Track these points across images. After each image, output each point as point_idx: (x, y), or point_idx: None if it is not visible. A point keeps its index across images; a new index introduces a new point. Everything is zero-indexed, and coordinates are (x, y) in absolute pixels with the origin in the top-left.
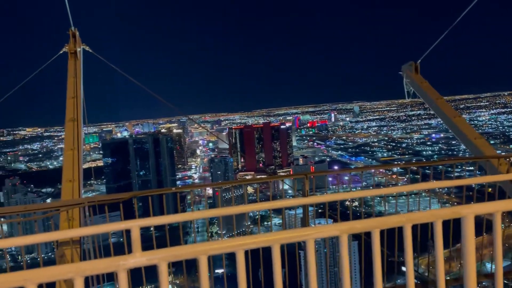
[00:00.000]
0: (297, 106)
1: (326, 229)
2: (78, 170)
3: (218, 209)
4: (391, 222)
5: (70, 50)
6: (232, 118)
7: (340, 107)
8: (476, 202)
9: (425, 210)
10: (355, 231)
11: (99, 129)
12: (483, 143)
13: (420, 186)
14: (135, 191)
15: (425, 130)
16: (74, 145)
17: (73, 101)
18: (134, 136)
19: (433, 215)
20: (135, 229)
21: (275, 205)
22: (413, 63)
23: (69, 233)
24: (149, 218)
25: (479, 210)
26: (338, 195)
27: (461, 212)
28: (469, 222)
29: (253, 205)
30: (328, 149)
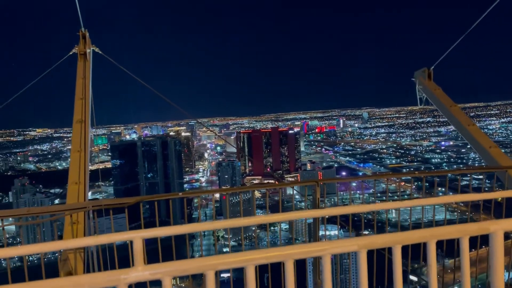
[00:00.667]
0: (306, 111)
1: (344, 244)
2: (85, 172)
3: (226, 221)
4: (414, 238)
5: (80, 51)
6: (241, 122)
7: (349, 113)
8: (483, 210)
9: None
10: (376, 246)
11: (108, 131)
12: (498, 152)
13: (442, 199)
14: (142, 196)
15: (434, 138)
16: (81, 146)
17: (81, 103)
18: (143, 138)
19: (459, 231)
20: (138, 240)
21: (285, 217)
22: (426, 69)
23: (70, 244)
24: (153, 229)
25: (509, 226)
26: (353, 207)
27: (489, 228)
28: (498, 239)
29: (262, 217)
30: (336, 155)
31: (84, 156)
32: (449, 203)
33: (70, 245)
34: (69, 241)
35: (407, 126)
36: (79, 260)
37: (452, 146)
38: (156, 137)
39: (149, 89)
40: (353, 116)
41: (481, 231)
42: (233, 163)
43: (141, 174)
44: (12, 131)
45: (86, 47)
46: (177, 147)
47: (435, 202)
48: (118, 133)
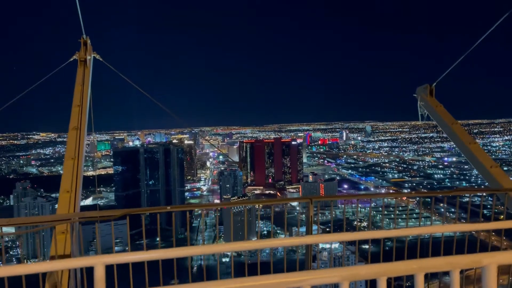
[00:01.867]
0: (309, 123)
1: (325, 274)
2: (77, 180)
3: (215, 246)
4: (400, 270)
5: (80, 58)
6: (244, 131)
7: (352, 126)
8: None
9: None
10: (359, 278)
11: (112, 137)
12: (499, 172)
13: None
14: (128, 209)
15: (438, 153)
16: (75, 154)
17: (78, 110)
18: (146, 145)
19: (450, 264)
20: (99, 267)
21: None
22: (428, 85)
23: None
24: (119, 255)
25: (504, 259)
26: (358, 234)
27: (482, 261)
28: (491, 273)
29: (262, 242)
30: (338, 167)
31: (78, 164)
32: (464, 231)
33: (35, 269)
34: (35, 265)
35: (410, 141)
36: (65, 274)
37: (455, 162)
38: (159, 144)
39: (148, 97)
40: (356, 129)
41: (473, 264)
42: (235, 173)
43: (143, 181)
44: (15, 134)
45: (87, 54)
46: (180, 155)
47: (452, 230)
48: (121, 139)
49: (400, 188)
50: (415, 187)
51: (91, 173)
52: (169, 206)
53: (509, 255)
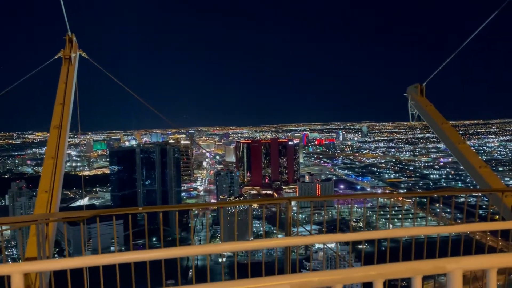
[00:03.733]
0: (306, 123)
1: (273, 281)
2: (55, 180)
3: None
4: (357, 277)
5: (65, 55)
6: (241, 132)
7: (349, 126)
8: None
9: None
10: (312, 285)
11: (108, 137)
12: (488, 172)
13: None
14: (98, 210)
15: (434, 154)
16: (55, 153)
17: (61, 108)
18: (142, 145)
19: (411, 270)
20: (16, 276)
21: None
22: (419, 85)
23: None
24: (40, 262)
25: (469, 265)
26: (356, 234)
27: (446, 267)
28: (456, 280)
29: (256, 242)
30: (335, 167)
31: (58, 163)
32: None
33: None
34: None
35: (407, 141)
36: (41, 276)
37: (450, 163)
38: (156, 144)
39: (137, 98)
40: (352, 130)
41: (436, 270)
42: (232, 173)
43: (139, 181)
44: (11, 134)
45: (72, 52)
46: (176, 155)
47: (452, 231)
48: (117, 139)
49: (396, 188)
50: (411, 187)
51: (87, 173)
52: (141, 207)
53: (475, 260)
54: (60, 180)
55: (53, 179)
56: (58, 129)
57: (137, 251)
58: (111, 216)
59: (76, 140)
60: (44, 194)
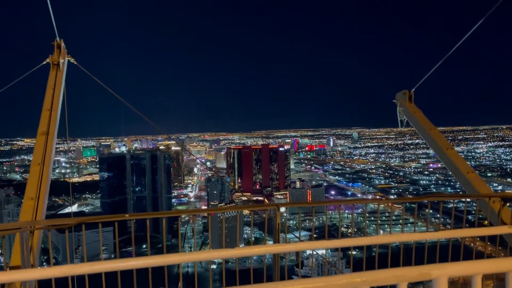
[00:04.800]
0: (297, 129)
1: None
2: (42, 187)
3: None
4: (341, 284)
5: (53, 61)
6: (231, 138)
7: (339, 132)
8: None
9: None
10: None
11: (98, 143)
12: (475, 178)
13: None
14: (83, 217)
15: (423, 160)
16: (42, 160)
17: (48, 114)
18: (132, 151)
19: (396, 277)
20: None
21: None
22: (407, 91)
23: None
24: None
25: (454, 271)
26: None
27: (431, 273)
28: (440, 286)
29: (244, 249)
30: (325, 173)
31: (43, 170)
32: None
33: None
34: None
35: (396, 147)
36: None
37: (440, 169)
38: (146, 150)
39: (127, 105)
40: (343, 136)
41: (421, 277)
42: (222, 179)
43: (129, 187)
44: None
45: (60, 57)
46: (167, 161)
47: (439, 237)
48: (107, 145)
49: (386, 194)
50: (401, 193)
51: (76, 179)
52: (127, 214)
53: (460, 266)
54: (46, 187)
55: (39, 186)
56: (45, 135)
57: (123, 259)
58: (101, 222)
59: (65, 147)
60: (30, 201)
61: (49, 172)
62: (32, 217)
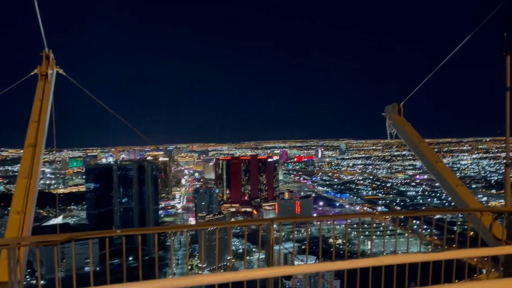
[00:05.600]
0: (285, 140)
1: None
2: (28, 201)
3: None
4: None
5: (41, 72)
6: (220, 148)
7: (327, 143)
8: (457, 245)
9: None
10: None
11: (84, 154)
12: (465, 191)
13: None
14: (72, 233)
15: (410, 171)
16: (29, 173)
17: (36, 126)
18: (119, 162)
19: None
20: None
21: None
22: (396, 104)
23: None
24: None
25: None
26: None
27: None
28: None
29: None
30: (314, 184)
31: (31, 183)
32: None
33: None
34: None
35: (384, 159)
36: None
37: (426, 180)
38: (133, 161)
39: (114, 114)
40: (331, 147)
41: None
42: (211, 190)
43: (116, 199)
44: None
45: (49, 68)
46: (154, 172)
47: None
48: (94, 156)
49: (374, 205)
50: (388, 204)
51: (62, 190)
52: (119, 229)
53: (465, 287)
54: (33, 201)
55: (26, 200)
56: (33, 148)
57: (114, 285)
58: (57, 242)
59: (51, 157)
60: (16, 215)
61: (36, 186)
62: (19, 232)
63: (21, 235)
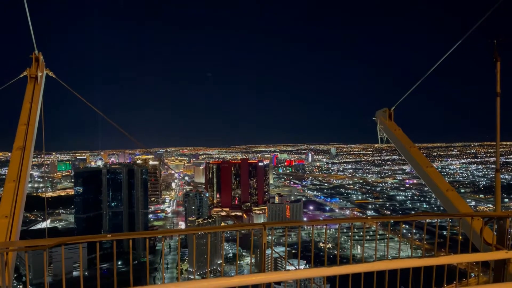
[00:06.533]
0: (276, 144)
1: None
2: (17, 205)
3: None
4: None
5: (30, 74)
6: (210, 152)
7: (318, 147)
8: (448, 250)
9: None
10: None
11: (73, 157)
12: (455, 196)
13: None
14: (62, 238)
15: (400, 175)
16: (17, 176)
17: (25, 128)
18: (109, 166)
19: None
20: None
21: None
22: (387, 109)
23: None
24: None
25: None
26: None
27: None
28: None
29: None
30: (304, 188)
31: (19, 187)
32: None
33: None
34: None
35: (373, 163)
36: None
37: (416, 184)
38: (123, 164)
39: (104, 117)
40: (321, 151)
41: None
42: (201, 194)
43: (105, 202)
44: None
45: (38, 71)
46: (144, 176)
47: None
48: (83, 159)
49: (363, 209)
50: (378, 208)
51: (50, 194)
52: (109, 234)
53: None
54: (21, 204)
55: (14, 204)
56: (21, 151)
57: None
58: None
59: (39, 160)
60: (4, 219)
61: (25, 189)
62: (7, 236)
63: (9, 239)
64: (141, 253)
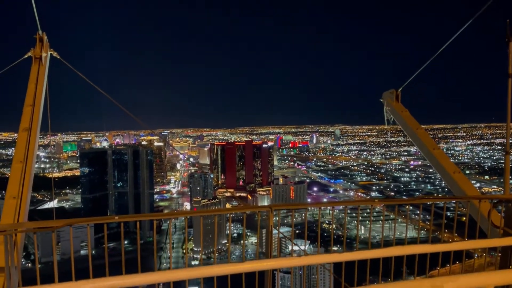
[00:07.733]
0: (280, 126)
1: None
2: (24, 186)
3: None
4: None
5: (35, 55)
6: (215, 134)
7: (322, 129)
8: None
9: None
10: None
11: (79, 138)
12: (462, 178)
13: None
14: (70, 219)
15: (404, 157)
16: (24, 157)
17: (30, 110)
18: (114, 146)
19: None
20: None
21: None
22: (394, 91)
23: None
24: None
25: (467, 283)
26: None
27: (443, 286)
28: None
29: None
30: (308, 170)
31: (26, 168)
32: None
33: None
34: None
35: (378, 145)
36: None
37: (420, 166)
38: (128, 145)
39: (109, 98)
40: (326, 133)
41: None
42: (206, 175)
43: (110, 183)
44: None
45: (43, 51)
46: (149, 157)
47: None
48: (88, 140)
49: (368, 190)
50: (382, 189)
51: (56, 174)
52: (116, 216)
53: (472, 278)
54: (29, 185)
55: (21, 185)
56: (28, 132)
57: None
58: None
59: (45, 141)
60: (12, 200)
61: (32, 170)
62: (15, 217)
63: (17, 220)
64: (146, 233)
